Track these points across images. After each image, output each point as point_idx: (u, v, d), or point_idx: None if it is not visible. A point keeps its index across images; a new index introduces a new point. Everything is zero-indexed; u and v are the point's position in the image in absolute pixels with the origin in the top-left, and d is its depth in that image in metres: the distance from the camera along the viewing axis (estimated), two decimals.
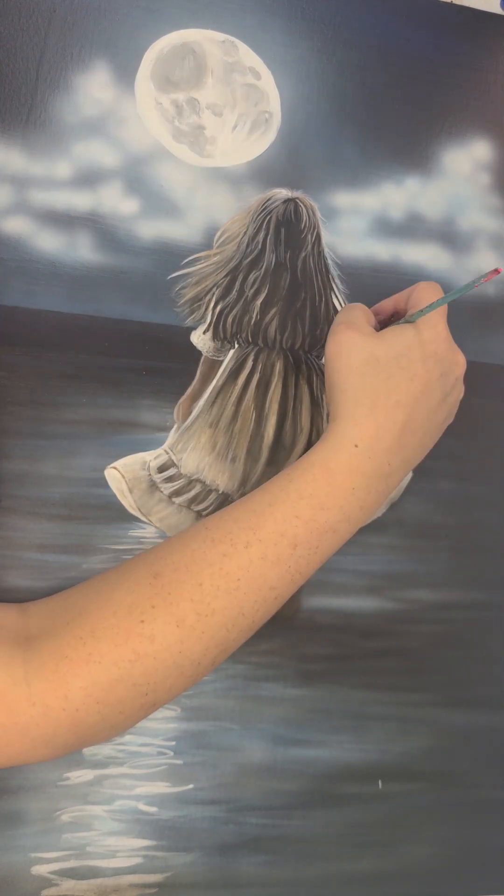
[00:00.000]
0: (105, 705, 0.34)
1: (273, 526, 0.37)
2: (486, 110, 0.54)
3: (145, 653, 0.34)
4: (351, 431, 0.39)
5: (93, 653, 0.34)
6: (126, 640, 0.34)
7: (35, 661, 0.34)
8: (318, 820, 0.46)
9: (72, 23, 0.47)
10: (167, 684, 0.35)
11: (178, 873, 0.43)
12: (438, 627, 0.49)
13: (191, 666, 0.36)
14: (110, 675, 0.34)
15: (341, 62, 0.51)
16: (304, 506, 0.37)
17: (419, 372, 0.40)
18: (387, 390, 0.39)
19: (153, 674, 0.35)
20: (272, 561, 0.37)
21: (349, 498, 0.38)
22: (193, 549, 0.37)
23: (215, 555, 0.36)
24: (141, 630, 0.34)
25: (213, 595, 0.35)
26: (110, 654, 0.34)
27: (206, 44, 0.49)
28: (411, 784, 0.48)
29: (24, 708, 0.33)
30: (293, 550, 0.37)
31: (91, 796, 0.43)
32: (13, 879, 0.41)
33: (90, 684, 0.33)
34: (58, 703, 0.33)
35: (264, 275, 0.49)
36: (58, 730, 0.34)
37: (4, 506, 0.43)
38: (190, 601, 0.35)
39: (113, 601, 0.35)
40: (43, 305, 0.45)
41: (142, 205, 0.47)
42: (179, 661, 0.35)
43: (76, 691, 0.33)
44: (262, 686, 0.46)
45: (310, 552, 0.38)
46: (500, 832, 0.49)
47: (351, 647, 0.48)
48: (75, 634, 0.34)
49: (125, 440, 0.46)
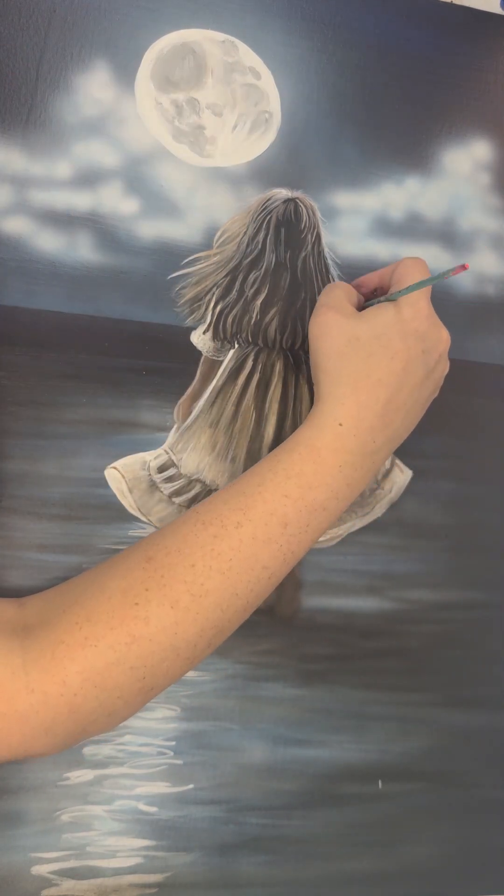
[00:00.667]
0: (102, 689, 0.34)
1: (262, 506, 0.37)
2: (486, 110, 0.54)
3: (141, 635, 0.34)
4: (334, 410, 0.39)
5: (89, 637, 0.34)
6: (121, 623, 0.34)
7: (32, 650, 0.34)
8: (318, 820, 0.46)
9: (72, 23, 0.47)
10: (164, 667, 0.36)
11: (178, 873, 0.43)
12: (438, 627, 0.49)
13: (186, 648, 0.36)
14: (107, 659, 0.34)
15: (341, 62, 0.51)
16: (292, 485, 0.38)
17: (400, 349, 0.40)
18: (368, 369, 0.40)
19: (149, 656, 0.35)
20: (263, 540, 0.37)
21: (336, 476, 0.39)
22: (185, 533, 0.37)
23: (206, 536, 0.37)
24: (136, 613, 0.35)
25: (206, 576, 0.36)
26: (106, 637, 0.34)
27: (206, 44, 0.49)
28: (411, 784, 0.48)
29: (22, 696, 0.33)
30: (284, 529, 0.37)
31: (91, 796, 0.43)
32: (13, 879, 0.41)
33: (87, 668, 0.34)
34: (56, 689, 0.33)
35: (264, 275, 0.49)
36: (57, 717, 0.34)
37: (4, 506, 0.43)
38: (183, 582, 0.36)
39: (108, 587, 0.36)
40: (43, 305, 0.45)
41: (142, 205, 0.47)
42: (175, 642, 0.35)
43: (73, 676, 0.34)
44: (262, 686, 0.46)
45: (300, 531, 0.38)
46: (500, 832, 0.49)
47: (351, 647, 0.48)
48: (71, 621, 0.35)
49: (125, 440, 0.46)
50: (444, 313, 0.52)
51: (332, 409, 0.40)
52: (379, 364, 0.40)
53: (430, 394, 0.44)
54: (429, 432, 0.51)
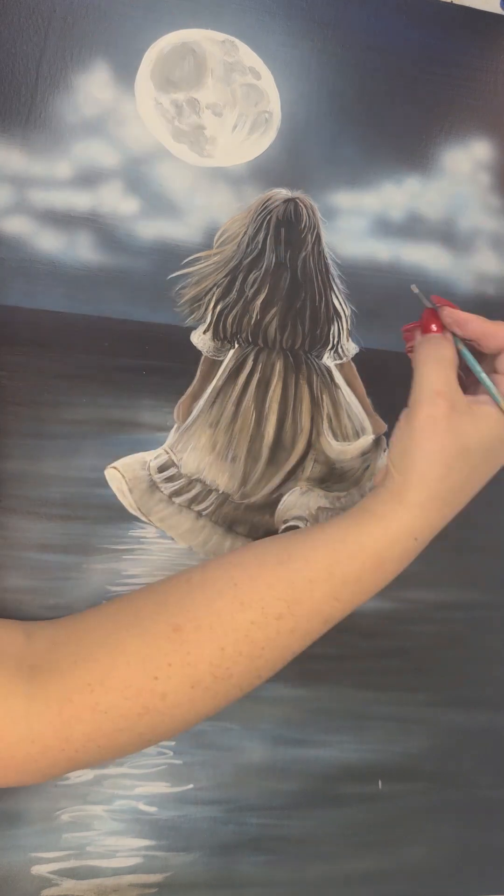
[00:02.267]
0: (106, 749, 0.34)
1: (311, 605, 0.35)
2: (486, 110, 0.54)
3: (155, 709, 0.33)
4: (417, 525, 0.36)
5: (100, 703, 0.33)
6: (137, 696, 0.33)
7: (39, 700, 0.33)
8: (318, 820, 0.46)
9: (72, 23, 0.47)
10: (169, 733, 0.35)
11: (178, 873, 0.43)
12: (438, 627, 0.49)
13: (196, 718, 0.35)
14: (116, 726, 0.33)
15: (341, 62, 0.51)
16: (346, 591, 0.36)
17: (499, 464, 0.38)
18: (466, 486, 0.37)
19: (159, 726, 0.34)
20: (301, 634, 0.35)
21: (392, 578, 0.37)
22: (219, 609, 0.35)
23: (243, 621, 0.34)
24: (153, 687, 0.33)
25: (234, 661, 0.34)
26: (119, 707, 0.33)
27: (205, 44, 0.49)
28: (411, 784, 0.48)
29: (23, 746, 0.32)
30: (323, 626, 0.36)
31: (91, 796, 0.43)
32: (13, 879, 0.41)
33: (93, 731, 0.33)
34: (57, 745, 0.33)
35: (264, 275, 0.49)
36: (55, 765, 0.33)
37: (4, 506, 0.43)
38: (209, 664, 0.34)
39: (127, 650, 0.34)
40: (43, 305, 0.45)
41: (142, 205, 0.47)
42: (187, 717, 0.35)
43: (78, 735, 0.33)
44: (262, 686, 0.46)
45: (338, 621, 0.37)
46: (500, 832, 0.49)
47: (351, 647, 0.48)
48: (83, 679, 0.33)
49: (125, 440, 0.46)
50: None
51: (414, 521, 0.36)
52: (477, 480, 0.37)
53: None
54: None
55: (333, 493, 0.49)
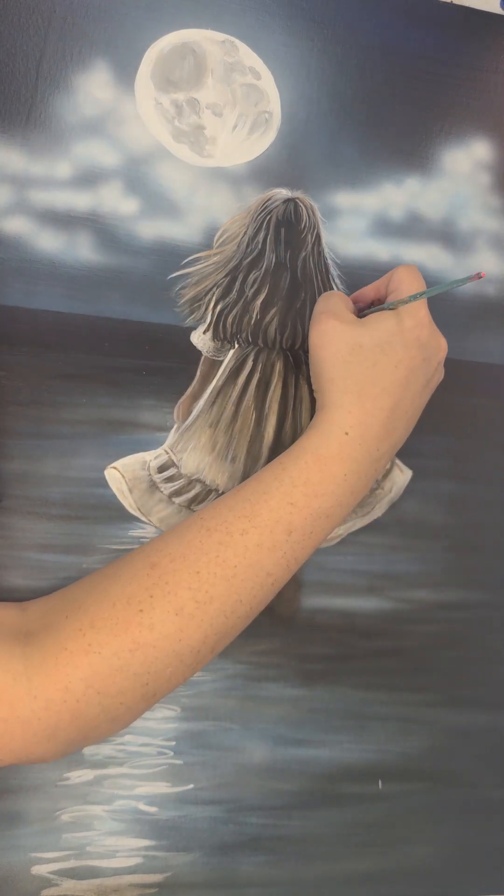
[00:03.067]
0: (106, 696, 0.34)
1: (268, 514, 0.37)
2: (486, 110, 0.54)
3: (145, 642, 0.34)
4: (341, 419, 0.39)
5: (92, 643, 0.34)
6: (125, 630, 0.34)
7: (35, 656, 0.34)
8: (318, 820, 0.46)
9: (72, 23, 0.47)
10: (167, 673, 0.36)
11: (178, 873, 0.43)
12: (438, 627, 0.49)
13: (190, 654, 0.36)
14: (110, 665, 0.34)
15: (341, 62, 0.51)
16: (298, 493, 0.38)
17: (403, 358, 0.40)
18: (373, 377, 0.40)
19: (153, 662, 0.35)
20: (268, 547, 0.37)
21: (341, 484, 0.39)
22: (189, 539, 0.37)
23: (211, 543, 0.37)
24: (140, 619, 0.35)
25: (211, 583, 0.36)
26: (110, 644, 0.34)
27: (205, 44, 0.49)
28: (411, 784, 0.48)
29: (25, 702, 0.33)
30: (288, 536, 0.38)
31: (91, 796, 0.43)
32: (13, 879, 0.41)
33: (90, 675, 0.34)
34: (59, 696, 0.33)
35: (264, 275, 0.49)
36: (59, 723, 0.34)
37: (4, 506, 0.43)
38: (188, 589, 0.36)
39: (111, 593, 0.36)
40: (43, 305, 0.45)
41: (142, 205, 0.47)
42: (179, 648, 0.35)
43: (76, 682, 0.34)
44: (262, 686, 0.46)
45: (304, 538, 0.38)
46: (500, 832, 0.49)
47: (351, 647, 0.48)
48: (74, 627, 0.35)
49: (125, 440, 0.46)
50: (444, 313, 0.52)
51: (339, 417, 0.39)
52: (384, 373, 0.40)
53: (425, 400, 0.44)
54: (429, 432, 0.51)
55: None
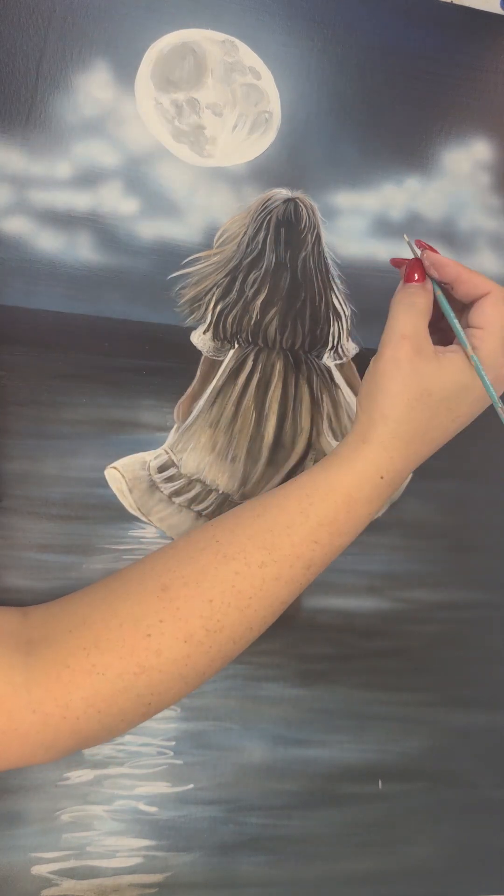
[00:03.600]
0: (106, 715, 0.34)
1: (290, 549, 0.36)
2: (486, 110, 0.54)
3: (151, 666, 0.34)
4: (381, 463, 0.38)
5: (96, 664, 0.33)
6: (131, 654, 0.34)
7: (36, 669, 0.33)
8: (318, 820, 0.46)
9: (72, 23, 0.47)
10: (170, 694, 0.35)
11: (178, 873, 0.43)
12: (438, 627, 0.49)
13: (195, 677, 0.36)
14: (114, 687, 0.33)
15: (341, 62, 0.51)
16: (323, 532, 0.37)
17: (464, 414, 0.39)
18: (427, 428, 0.38)
19: (157, 685, 0.34)
20: (286, 581, 0.36)
21: (365, 522, 0.38)
22: (204, 564, 0.36)
23: (227, 572, 0.36)
24: (147, 644, 0.34)
25: (224, 612, 0.35)
26: (114, 666, 0.34)
27: (205, 44, 0.49)
28: (411, 784, 0.48)
29: (24, 715, 0.33)
30: (307, 571, 0.37)
31: (91, 796, 0.43)
32: (13, 879, 0.41)
33: (92, 695, 0.33)
34: (58, 712, 0.33)
35: (264, 275, 0.49)
36: (58, 736, 0.34)
37: (5, 506, 0.43)
38: (200, 618, 0.35)
39: (119, 613, 0.35)
40: (43, 305, 0.45)
41: (142, 205, 0.47)
42: (185, 672, 0.35)
43: (77, 701, 0.33)
44: (262, 686, 0.46)
45: (318, 569, 0.38)
46: (500, 832, 0.49)
47: (351, 647, 0.48)
48: (78, 644, 0.34)
49: (125, 440, 0.46)
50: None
51: (380, 460, 0.38)
52: (440, 426, 0.38)
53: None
54: None
55: None
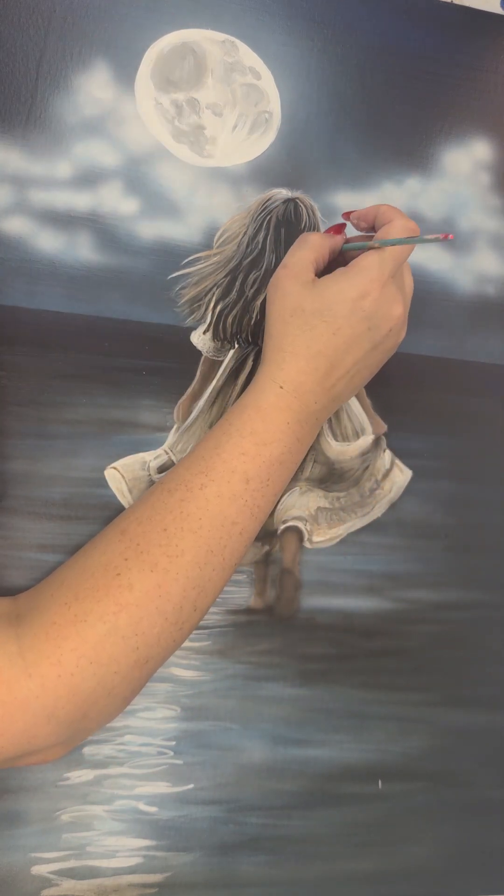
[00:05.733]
0: (98, 665, 0.35)
1: (222, 465, 0.39)
2: (486, 110, 0.54)
3: (126, 602, 0.35)
4: (274, 374, 0.41)
5: (78, 613, 0.35)
6: (107, 594, 0.36)
7: (27, 635, 0.35)
8: (318, 820, 0.46)
9: (72, 23, 0.47)
10: (154, 633, 0.36)
11: (178, 873, 0.43)
12: (438, 627, 0.49)
13: (173, 611, 0.37)
14: (97, 631, 0.35)
15: (341, 62, 0.51)
16: (247, 443, 0.40)
17: (342, 326, 0.41)
18: (307, 341, 0.41)
19: (139, 623, 0.36)
20: (228, 497, 0.39)
21: (286, 431, 0.40)
22: (153, 502, 0.39)
23: (174, 501, 0.38)
24: (119, 582, 0.36)
25: (180, 537, 0.37)
26: (94, 610, 0.35)
27: (205, 44, 0.49)
28: (411, 784, 0.48)
29: (21, 682, 0.34)
30: (246, 485, 0.39)
31: (91, 796, 0.43)
32: (13, 879, 0.41)
33: (79, 643, 0.34)
34: (53, 671, 0.34)
35: (264, 275, 0.49)
36: (58, 700, 0.34)
37: (5, 506, 0.43)
38: (158, 546, 0.37)
39: (89, 565, 0.37)
40: (43, 305, 0.45)
41: (142, 205, 0.47)
42: (161, 605, 0.36)
43: (68, 654, 0.34)
44: (262, 686, 0.46)
45: (262, 485, 0.40)
46: (500, 832, 0.49)
47: (351, 647, 0.48)
48: (60, 601, 0.36)
49: (125, 440, 0.46)
50: (444, 313, 0.52)
51: (273, 372, 0.41)
52: (320, 337, 0.41)
53: (379, 360, 0.44)
54: (429, 432, 0.51)
55: (333, 493, 0.49)
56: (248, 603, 0.47)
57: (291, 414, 0.41)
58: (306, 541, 0.48)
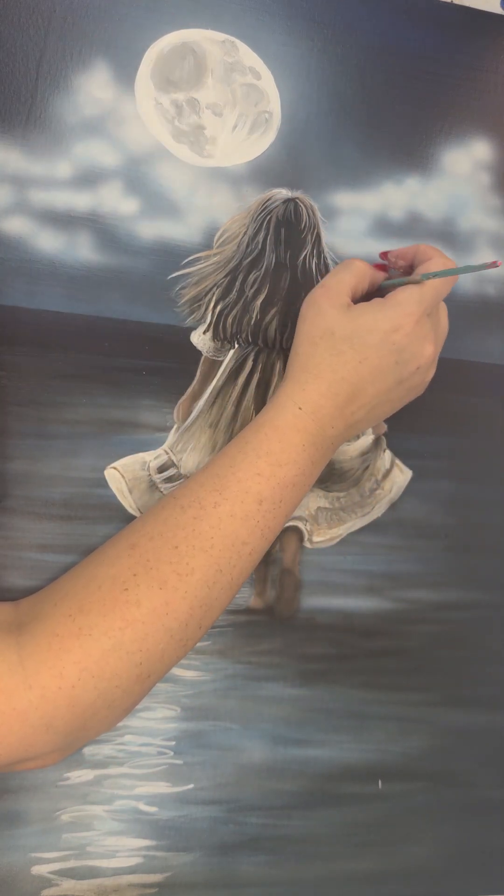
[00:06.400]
0: (101, 679, 0.34)
1: (237, 485, 0.39)
2: (486, 110, 0.54)
3: (133, 618, 0.35)
4: (295, 394, 0.41)
5: (83, 627, 0.35)
6: (113, 609, 0.35)
7: (28, 645, 0.34)
8: (318, 820, 0.46)
9: (72, 23, 0.47)
10: (158, 650, 0.36)
11: (178, 873, 0.43)
12: (438, 627, 0.49)
13: (179, 628, 0.36)
14: (102, 646, 0.34)
15: (341, 62, 0.51)
16: (262, 463, 0.39)
17: (370, 356, 0.41)
18: (332, 364, 0.41)
19: (144, 639, 0.35)
20: (241, 517, 0.38)
21: (301, 453, 0.40)
22: (165, 517, 0.38)
23: (186, 518, 0.38)
24: (126, 598, 0.35)
25: (191, 555, 0.37)
26: (99, 624, 0.35)
27: (205, 44, 0.49)
28: (411, 784, 0.48)
29: (21, 692, 0.33)
30: (259, 506, 0.39)
31: (91, 796, 0.43)
32: (13, 879, 0.41)
33: (83, 657, 0.34)
34: (53, 682, 0.34)
35: (264, 275, 0.49)
36: (57, 711, 0.34)
37: (5, 506, 0.43)
38: (168, 563, 0.36)
39: (97, 577, 0.37)
40: (43, 305, 0.45)
41: (142, 205, 0.47)
42: (167, 623, 0.36)
43: (70, 667, 0.34)
44: (262, 686, 0.46)
45: (274, 506, 0.39)
46: (500, 832, 0.49)
47: (351, 647, 0.48)
48: (63, 613, 0.35)
49: (125, 440, 0.46)
50: None
51: (294, 392, 0.41)
52: (345, 364, 0.41)
53: (402, 396, 0.44)
54: (429, 432, 0.51)
55: (333, 493, 0.49)
56: (248, 603, 0.47)
57: (307, 436, 0.40)
58: (306, 541, 0.48)
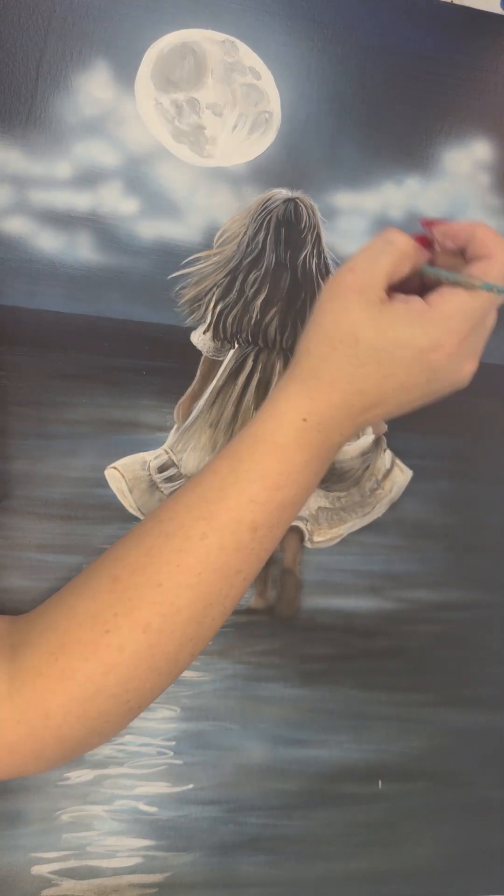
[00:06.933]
0: (88, 719, 0.33)
1: (227, 514, 0.34)
2: (486, 110, 0.54)
3: (116, 663, 0.33)
4: (300, 405, 0.35)
5: (65, 669, 0.33)
6: (95, 653, 0.33)
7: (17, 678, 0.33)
8: (318, 820, 0.46)
9: (72, 23, 0.47)
10: (146, 687, 0.34)
11: (178, 873, 0.43)
12: (438, 627, 0.49)
13: (167, 664, 0.34)
14: (86, 691, 0.33)
15: (341, 62, 0.51)
16: (257, 488, 0.34)
17: (398, 373, 0.34)
18: (350, 376, 0.34)
19: (130, 681, 0.33)
20: (233, 549, 0.34)
21: (303, 471, 0.35)
22: (149, 547, 0.34)
23: (170, 551, 0.34)
24: (108, 641, 0.33)
25: (175, 594, 0.33)
26: (82, 669, 0.33)
27: (205, 44, 0.49)
28: (411, 784, 0.48)
29: (10, 726, 0.32)
30: (254, 534, 0.34)
31: (91, 796, 0.43)
32: (13, 879, 0.41)
33: (68, 700, 0.32)
34: (40, 722, 0.32)
35: (264, 275, 0.49)
36: (45, 746, 0.33)
37: (5, 506, 0.43)
38: (152, 604, 0.33)
39: (77, 611, 0.34)
40: (43, 305, 0.45)
41: (142, 205, 0.47)
42: (154, 664, 0.34)
43: (55, 709, 0.32)
44: (262, 686, 0.46)
45: (270, 531, 0.35)
46: (500, 832, 0.49)
47: (351, 647, 0.48)
48: (47, 649, 0.33)
49: (125, 440, 0.46)
50: None
51: (299, 402, 0.35)
52: (366, 377, 0.34)
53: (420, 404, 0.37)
54: (429, 432, 0.51)
55: (333, 493, 0.49)
56: (249, 603, 0.47)
57: (312, 451, 0.35)
58: (307, 541, 0.48)
